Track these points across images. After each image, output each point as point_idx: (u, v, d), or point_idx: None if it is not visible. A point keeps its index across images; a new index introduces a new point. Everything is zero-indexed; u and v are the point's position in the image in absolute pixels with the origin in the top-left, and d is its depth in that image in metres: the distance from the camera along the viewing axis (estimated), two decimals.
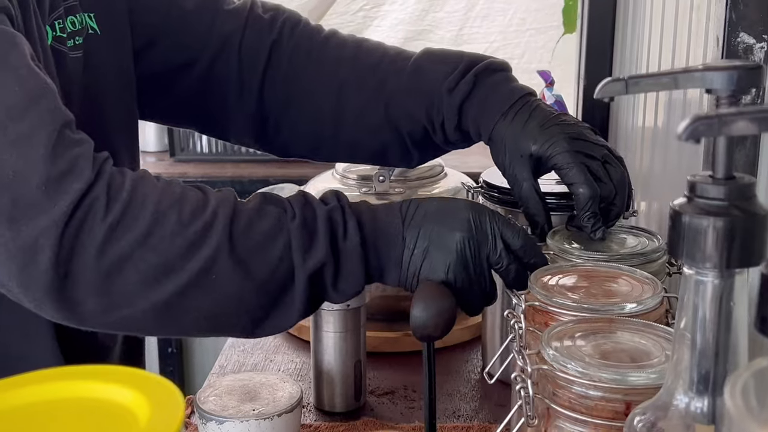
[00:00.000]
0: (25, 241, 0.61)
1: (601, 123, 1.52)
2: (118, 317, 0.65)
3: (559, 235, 0.81)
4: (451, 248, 0.71)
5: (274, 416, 0.75)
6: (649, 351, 0.58)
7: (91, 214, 0.62)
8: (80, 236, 0.62)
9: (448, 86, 0.83)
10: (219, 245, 0.66)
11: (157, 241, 0.64)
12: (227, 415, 0.75)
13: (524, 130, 0.79)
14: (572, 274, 0.71)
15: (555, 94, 1.44)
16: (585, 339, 0.59)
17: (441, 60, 0.86)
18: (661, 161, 1.18)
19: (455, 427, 0.85)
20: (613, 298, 0.67)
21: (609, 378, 0.54)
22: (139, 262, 0.64)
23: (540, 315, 0.67)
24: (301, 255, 0.68)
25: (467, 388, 0.95)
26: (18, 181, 0.61)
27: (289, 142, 0.93)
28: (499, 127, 0.80)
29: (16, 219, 0.61)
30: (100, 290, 0.63)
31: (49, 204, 0.61)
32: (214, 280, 0.66)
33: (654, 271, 0.76)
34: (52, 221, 0.61)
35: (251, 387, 0.79)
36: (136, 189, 0.65)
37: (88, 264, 0.62)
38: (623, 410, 0.55)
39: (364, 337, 0.91)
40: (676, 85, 0.39)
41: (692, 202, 0.43)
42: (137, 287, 0.64)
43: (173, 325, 0.69)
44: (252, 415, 0.75)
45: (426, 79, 0.85)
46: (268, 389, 0.79)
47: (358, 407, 0.91)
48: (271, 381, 0.81)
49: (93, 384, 0.35)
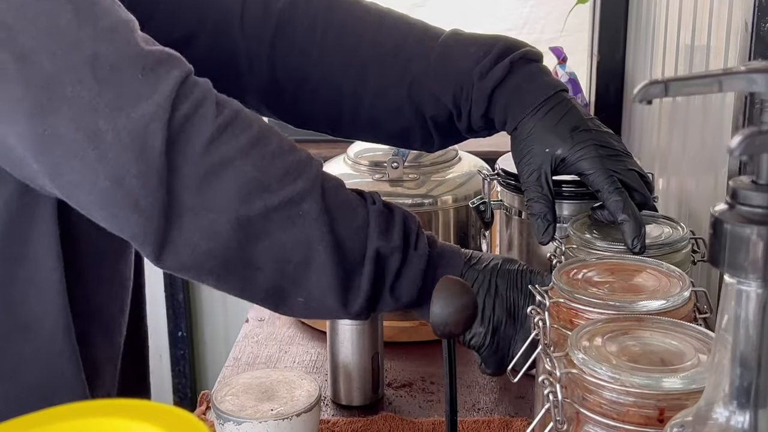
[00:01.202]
0: (136, 126, 0.62)
1: (615, 98, 1.50)
2: (204, 222, 0.65)
3: (579, 224, 0.79)
4: (504, 305, 0.74)
5: (293, 416, 0.74)
6: (681, 353, 0.56)
7: (201, 109, 0.64)
8: (187, 128, 0.64)
9: (481, 71, 0.80)
10: (313, 185, 0.67)
11: (258, 156, 0.66)
12: (245, 416, 0.74)
13: (556, 128, 0.76)
14: (596, 267, 0.69)
15: (568, 71, 1.41)
16: (614, 340, 0.57)
17: (473, 42, 0.82)
18: (680, 138, 1.15)
19: (476, 421, 0.84)
20: (640, 294, 0.65)
21: (641, 383, 0.52)
22: (238, 170, 0.65)
23: (564, 312, 0.66)
24: (377, 234, 0.69)
25: (486, 379, 0.93)
26: (116, 72, 0.63)
27: (307, 116, 0.91)
28: (529, 120, 0.78)
29: (123, 108, 0.62)
30: (197, 187, 0.64)
31: (150, 90, 0.63)
32: (300, 216, 0.67)
33: (679, 261, 0.74)
34: (158, 105, 0.63)
35: (268, 385, 0.78)
36: (241, 107, 0.68)
37: (193, 158, 0.64)
38: (656, 416, 0.53)
39: (381, 330, 0.90)
40: (720, 87, 0.37)
41: (734, 209, 0.40)
42: (230, 195, 0.65)
43: (246, 250, 0.67)
44: (270, 416, 0.74)
45: (455, 61, 0.82)
46: (286, 387, 0.78)
47: (376, 400, 0.90)
48: (289, 378, 0.79)
49: (116, 421, 0.33)
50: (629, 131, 1.47)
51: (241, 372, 0.96)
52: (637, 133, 1.42)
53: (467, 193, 1.05)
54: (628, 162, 0.77)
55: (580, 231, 0.76)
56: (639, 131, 1.41)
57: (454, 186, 1.06)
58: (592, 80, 1.52)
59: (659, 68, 1.29)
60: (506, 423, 0.83)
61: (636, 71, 1.44)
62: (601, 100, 1.48)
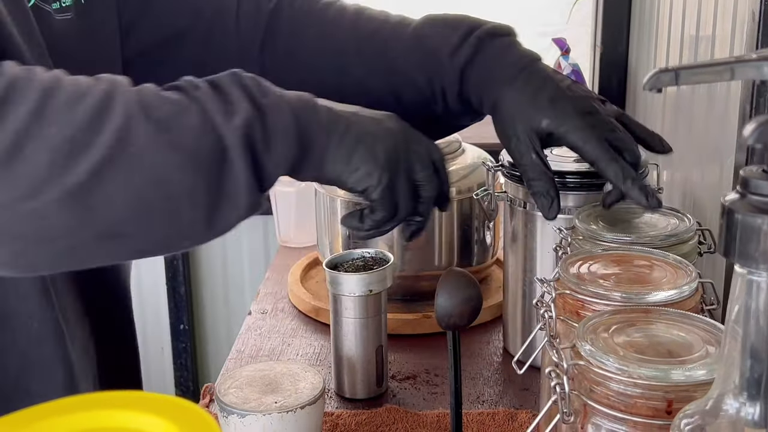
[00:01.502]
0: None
1: (618, 89, 1.49)
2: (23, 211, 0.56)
3: (586, 215, 0.78)
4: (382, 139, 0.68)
5: (297, 408, 0.73)
6: (689, 344, 0.55)
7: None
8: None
9: (450, 50, 0.79)
10: (129, 110, 0.58)
11: (52, 112, 0.56)
12: (249, 408, 0.73)
13: (535, 102, 0.75)
14: (602, 259, 0.69)
15: (572, 62, 1.41)
16: (621, 332, 0.57)
17: (443, 23, 0.81)
18: (685, 128, 1.14)
19: (480, 413, 0.83)
20: (647, 285, 0.64)
21: (649, 375, 0.52)
22: (39, 138, 0.55)
23: (571, 303, 0.65)
24: (221, 116, 0.60)
25: (490, 371, 0.93)
26: None
27: None
28: (506, 97, 0.76)
29: None
30: (4, 174, 0.55)
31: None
32: (134, 153, 0.57)
33: (686, 252, 0.73)
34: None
35: (272, 378, 0.78)
36: (27, 71, 0.58)
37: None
38: (664, 408, 0.52)
39: (385, 322, 0.89)
40: (732, 75, 0.36)
41: (745, 198, 0.40)
42: (45, 169, 0.55)
43: (94, 222, 0.58)
44: (274, 408, 0.73)
45: (427, 43, 0.81)
46: (290, 379, 0.77)
47: (380, 393, 0.89)
48: (293, 370, 0.79)
49: (124, 413, 0.33)
50: None
51: (245, 365, 0.96)
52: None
53: (471, 185, 1.05)
54: (611, 123, 0.75)
55: (586, 222, 0.76)
56: (642, 122, 1.40)
57: (458, 178, 1.05)
58: (595, 72, 1.52)
59: (663, 59, 1.28)
60: (511, 415, 0.83)
61: (639, 62, 1.43)
62: (605, 91, 1.47)
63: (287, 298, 1.13)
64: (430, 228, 1.04)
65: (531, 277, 0.90)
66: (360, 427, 0.81)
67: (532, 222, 0.88)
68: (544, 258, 0.88)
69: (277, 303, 1.12)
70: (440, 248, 1.06)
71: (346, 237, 1.08)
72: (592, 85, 1.53)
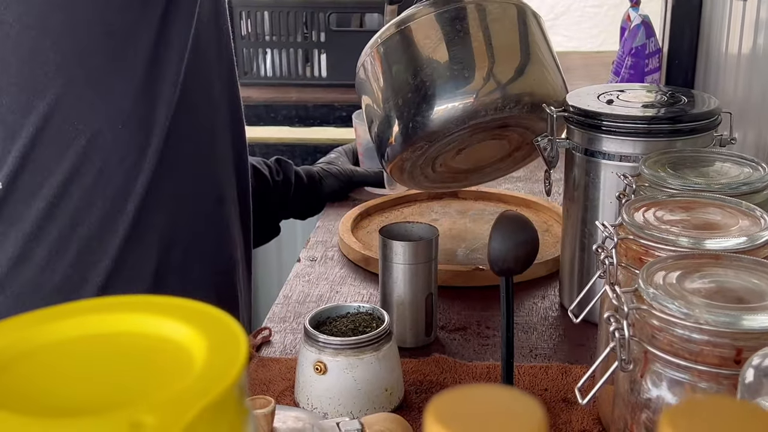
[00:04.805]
0: None
1: (690, 46, 1.42)
2: None
3: (652, 161, 0.74)
4: None
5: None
6: (762, 291, 0.51)
7: None
8: None
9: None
10: None
11: None
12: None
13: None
14: (669, 205, 0.65)
15: (642, 14, 1.34)
16: (688, 277, 0.53)
17: None
18: (760, 88, 1.08)
19: (532, 367, 0.80)
20: (717, 231, 0.60)
21: (718, 321, 0.48)
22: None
23: (633, 250, 0.61)
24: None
25: (544, 326, 0.89)
26: None
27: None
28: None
29: None
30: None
31: None
32: None
33: (760, 202, 0.68)
34: None
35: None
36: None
37: None
38: (732, 356, 0.49)
39: (435, 270, 0.86)
40: None
41: None
42: None
43: None
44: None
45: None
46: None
47: (429, 343, 0.87)
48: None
49: (142, 317, 0.31)
50: (704, 80, 1.39)
51: (291, 309, 0.94)
52: (713, 82, 1.34)
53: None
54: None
55: (653, 168, 0.72)
56: (714, 80, 1.33)
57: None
58: (666, 24, 1.44)
59: (739, 13, 1.21)
60: (564, 370, 0.80)
61: (714, 16, 1.36)
62: (676, 45, 1.40)
63: (337, 247, 1.11)
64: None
65: (591, 229, 0.86)
66: (407, 375, 0.79)
67: (594, 170, 0.84)
68: (606, 208, 0.84)
69: (327, 251, 1.10)
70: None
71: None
72: (663, 38, 1.46)
